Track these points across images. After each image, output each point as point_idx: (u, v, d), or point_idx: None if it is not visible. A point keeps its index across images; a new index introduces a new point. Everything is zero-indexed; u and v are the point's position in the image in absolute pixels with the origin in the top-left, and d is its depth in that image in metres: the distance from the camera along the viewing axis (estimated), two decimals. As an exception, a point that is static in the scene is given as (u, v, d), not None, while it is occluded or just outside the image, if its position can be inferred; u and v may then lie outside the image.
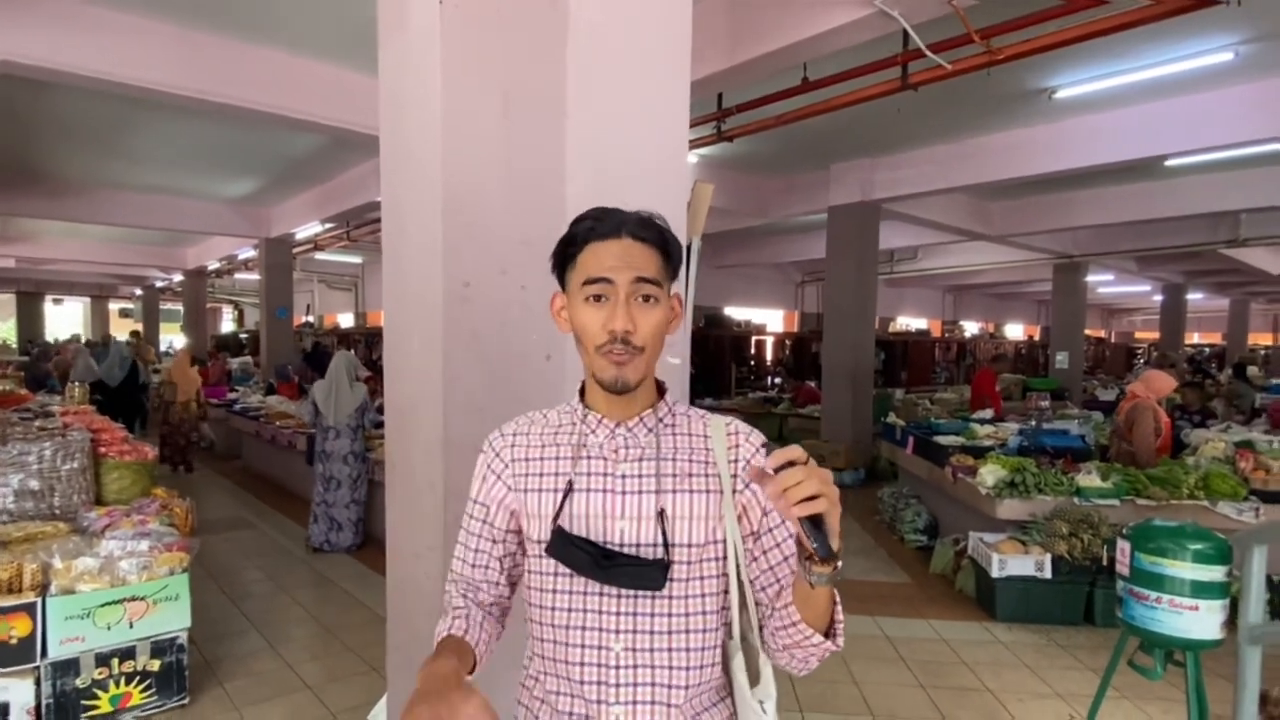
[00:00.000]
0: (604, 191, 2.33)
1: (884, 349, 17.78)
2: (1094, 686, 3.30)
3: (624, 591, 1.20)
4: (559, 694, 1.24)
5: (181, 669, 3.73)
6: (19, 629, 3.29)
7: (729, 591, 1.25)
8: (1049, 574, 4.86)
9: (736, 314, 18.62)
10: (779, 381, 17.23)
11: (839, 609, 1.16)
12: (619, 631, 1.20)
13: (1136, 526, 2.94)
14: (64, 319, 26.99)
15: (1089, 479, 5.34)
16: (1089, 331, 23.08)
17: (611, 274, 1.18)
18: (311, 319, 22.32)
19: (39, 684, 3.36)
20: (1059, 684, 4.10)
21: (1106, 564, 4.71)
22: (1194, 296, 21.90)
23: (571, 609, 1.22)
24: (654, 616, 1.20)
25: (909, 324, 24.12)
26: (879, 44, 4.89)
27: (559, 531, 1.22)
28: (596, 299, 1.19)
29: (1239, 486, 5.22)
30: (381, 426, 5.73)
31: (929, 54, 4.81)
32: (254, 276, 16.50)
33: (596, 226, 1.21)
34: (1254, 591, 2.67)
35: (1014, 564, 4.90)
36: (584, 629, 1.21)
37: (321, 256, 16.65)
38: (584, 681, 1.21)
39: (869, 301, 10.00)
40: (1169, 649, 2.79)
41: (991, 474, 5.52)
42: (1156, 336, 23.72)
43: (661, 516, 1.21)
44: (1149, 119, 7.12)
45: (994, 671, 4.25)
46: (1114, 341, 32.48)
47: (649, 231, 1.21)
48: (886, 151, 9.04)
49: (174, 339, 20.45)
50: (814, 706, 3.82)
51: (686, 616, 1.22)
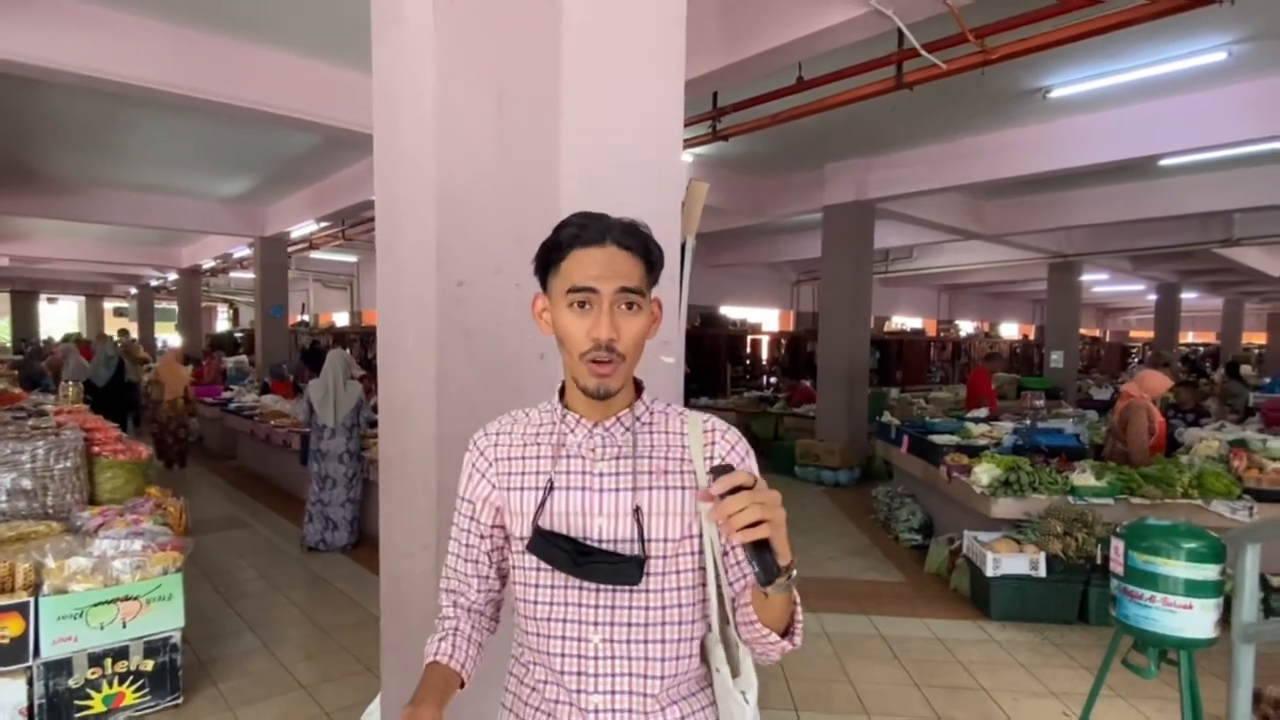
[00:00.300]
0: (598, 191, 2.33)
1: (879, 348, 17.81)
2: (1088, 685, 3.31)
3: (603, 586, 1.24)
4: (544, 683, 1.29)
5: (175, 669, 3.72)
6: (11, 629, 3.28)
7: (707, 585, 1.29)
8: (1043, 573, 4.87)
9: (732, 313, 18.62)
10: (774, 381, 17.21)
11: (798, 609, 1.20)
12: (597, 624, 1.24)
13: (1130, 525, 2.94)
14: (58, 318, 26.89)
15: (1083, 478, 5.35)
16: (1084, 331, 23.19)
17: (596, 283, 1.20)
18: (306, 318, 22.29)
19: (31, 684, 3.35)
20: (1053, 683, 4.11)
21: (1101, 563, 4.72)
22: (1188, 296, 21.95)
23: (553, 602, 1.26)
24: (631, 610, 1.24)
25: (904, 323, 24.16)
26: (874, 43, 4.90)
27: (538, 529, 1.25)
28: (581, 305, 1.21)
29: (1233, 485, 5.23)
30: (376, 425, 5.72)
31: (923, 53, 4.81)
32: (249, 275, 16.47)
33: (581, 233, 1.23)
34: (1247, 590, 2.68)
35: (1008, 563, 4.91)
36: (564, 621, 1.25)
37: (316, 255, 16.62)
38: (564, 671, 1.25)
39: (864, 301, 10.01)
40: (1163, 648, 2.80)
41: (986, 473, 5.53)
42: (1151, 336, 23.79)
43: (637, 513, 1.24)
44: (1143, 119, 7.13)
45: (989, 670, 4.26)
46: (1109, 341, 32.57)
47: (633, 240, 1.23)
48: (881, 151, 9.04)
49: (168, 338, 20.36)
50: (809, 705, 3.83)
51: (663, 609, 1.25)
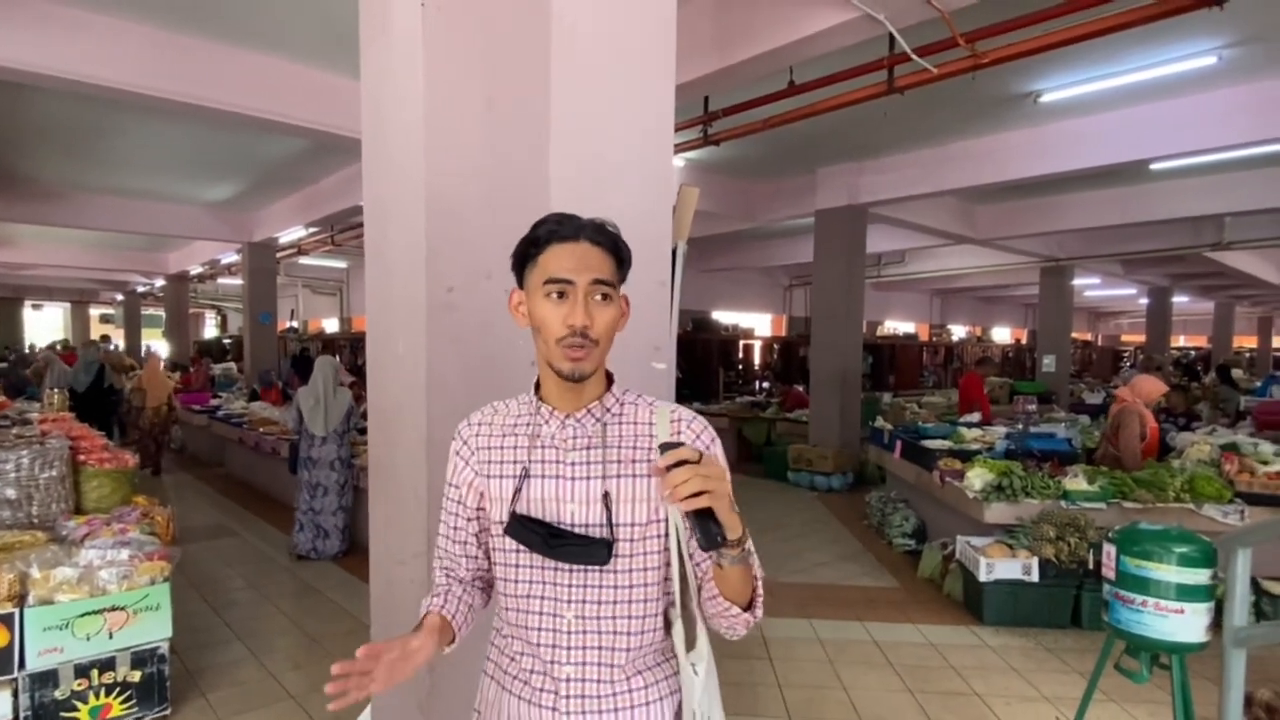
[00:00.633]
0: (588, 196, 2.32)
1: (872, 353, 17.83)
2: (1081, 690, 3.31)
3: (575, 566, 1.35)
4: (521, 654, 1.41)
5: (163, 679, 3.67)
6: (-5, 640, 3.24)
7: (670, 565, 1.39)
8: (1036, 577, 4.87)
9: (724, 318, 18.61)
10: (767, 386, 17.23)
11: (759, 584, 1.33)
12: (570, 601, 1.35)
13: (1122, 530, 2.94)
14: (43, 325, 26.70)
15: (1075, 482, 5.35)
16: (1075, 335, 23.24)
17: (572, 275, 1.31)
18: (296, 324, 22.21)
19: (17, 696, 3.31)
20: (1046, 687, 4.11)
21: (1093, 567, 4.70)
22: (1179, 299, 22.08)
23: (531, 581, 1.38)
24: (601, 589, 1.35)
25: (896, 328, 24.20)
26: (865, 48, 4.90)
27: (514, 514, 1.37)
28: (559, 296, 1.31)
29: (1224, 489, 5.24)
30: (366, 432, 5.68)
31: (915, 58, 4.83)
32: (237, 281, 16.39)
33: (558, 229, 1.34)
34: (1238, 594, 2.67)
35: (1001, 567, 4.91)
36: (541, 599, 1.37)
37: (305, 261, 16.56)
38: (540, 644, 1.37)
39: (856, 305, 10.01)
40: (1155, 652, 2.79)
41: (979, 478, 5.53)
42: (1143, 339, 23.92)
43: (605, 499, 1.35)
44: (1133, 123, 7.17)
45: (982, 675, 4.25)
46: (1101, 345, 32.73)
47: (604, 237, 1.35)
48: (873, 155, 9.05)
49: (154, 344, 20.23)
50: (802, 712, 3.81)
51: (630, 588, 1.36)
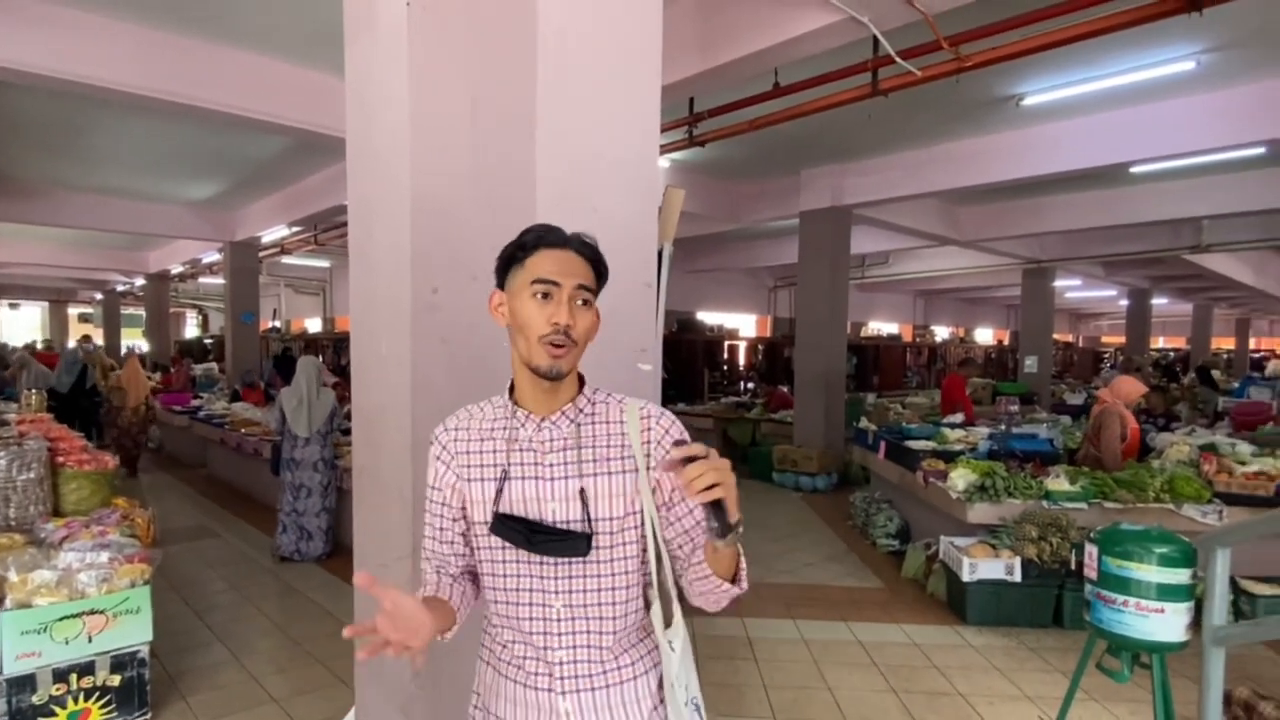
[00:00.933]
0: (575, 196, 2.31)
1: (856, 353, 17.91)
2: (1063, 689, 3.33)
3: (559, 559, 1.43)
4: (514, 642, 1.49)
5: (143, 684, 3.63)
6: (-29, 645, 3.19)
7: (647, 551, 1.48)
8: (1019, 577, 4.90)
9: (709, 318, 18.65)
10: (752, 386, 17.26)
11: (743, 559, 1.41)
12: (557, 592, 1.44)
13: (1104, 530, 2.96)
14: (20, 324, 26.35)
15: (1057, 483, 5.39)
16: (1057, 336, 23.46)
17: (559, 277, 1.40)
18: (278, 324, 22.03)
19: (-8, 701, 3.26)
20: (1029, 686, 4.14)
21: (1075, 567, 4.75)
22: (1159, 301, 22.31)
23: (519, 575, 1.46)
24: (585, 578, 1.44)
25: (880, 328, 24.33)
26: (849, 50, 4.92)
27: (497, 514, 1.44)
28: (545, 296, 1.39)
29: (1203, 489, 5.30)
30: (349, 433, 5.64)
31: (899, 60, 4.85)
32: (219, 281, 16.25)
33: (546, 235, 1.43)
34: (1218, 594, 2.70)
35: (984, 568, 4.94)
36: (530, 591, 1.45)
37: (288, 260, 16.43)
38: (531, 633, 1.46)
39: (841, 306, 10.05)
40: (1136, 651, 2.81)
41: (962, 478, 5.57)
42: (1123, 341, 24.14)
43: (582, 495, 1.43)
44: (1113, 127, 7.24)
45: (965, 675, 4.27)
46: (1081, 346, 33.05)
47: (587, 249, 1.45)
48: (857, 157, 9.10)
49: (135, 343, 20.02)
50: (787, 712, 3.82)
51: (612, 576, 1.46)
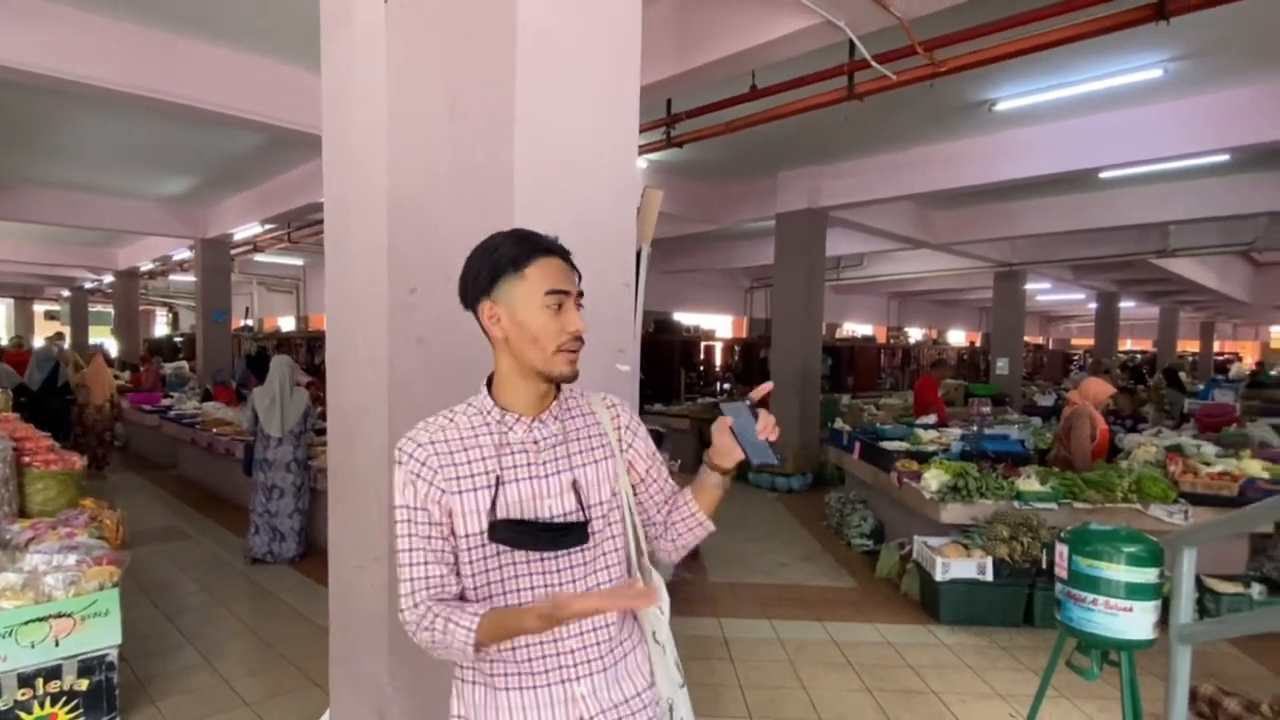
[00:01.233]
0: (552, 196, 2.30)
1: (831, 354, 18.04)
2: (1034, 687, 3.37)
3: (560, 551, 1.48)
4: (517, 647, 1.48)
5: (111, 688, 3.57)
6: (-68, 649, 3.12)
7: (624, 523, 1.60)
8: (991, 577, 4.96)
9: (686, 319, 18.69)
10: (728, 387, 17.32)
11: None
12: (562, 584, 1.49)
13: (1074, 530, 3.01)
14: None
15: (1028, 483, 5.46)
16: (1028, 338, 23.78)
17: (567, 286, 1.46)
18: (251, 322, 21.76)
19: (-46, 707, 3.20)
20: (1000, 685, 4.19)
21: (1046, 566, 4.82)
22: (1126, 304, 22.65)
23: (521, 575, 1.48)
24: (585, 564, 1.51)
25: (855, 330, 24.53)
26: (826, 54, 4.96)
27: (496, 520, 1.45)
28: (558, 307, 1.44)
29: (1169, 490, 5.40)
30: (323, 433, 5.59)
31: (874, 65, 4.90)
32: (190, 278, 16.00)
33: (538, 244, 1.47)
34: (1184, 592, 2.75)
35: (957, 567, 4.99)
36: (534, 589, 1.47)
37: (261, 258, 16.24)
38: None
39: (816, 307, 10.13)
40: (1105, 649, 2.86)
41: (935, 479, 5.63)
42: (1092, 343, 24.52)
43: (575, 485, 1.51)
44: (1084, 132, 7.36)
45: (938, 674, 4.32)
46: (1051, 348, 33.48)
47: (567, 253, 1.51)
48: (833, 160, 9.17)
49: (103, 341, 19.67)
50: (762, 712, 3.83)
51: (606, 555, 1.54)
